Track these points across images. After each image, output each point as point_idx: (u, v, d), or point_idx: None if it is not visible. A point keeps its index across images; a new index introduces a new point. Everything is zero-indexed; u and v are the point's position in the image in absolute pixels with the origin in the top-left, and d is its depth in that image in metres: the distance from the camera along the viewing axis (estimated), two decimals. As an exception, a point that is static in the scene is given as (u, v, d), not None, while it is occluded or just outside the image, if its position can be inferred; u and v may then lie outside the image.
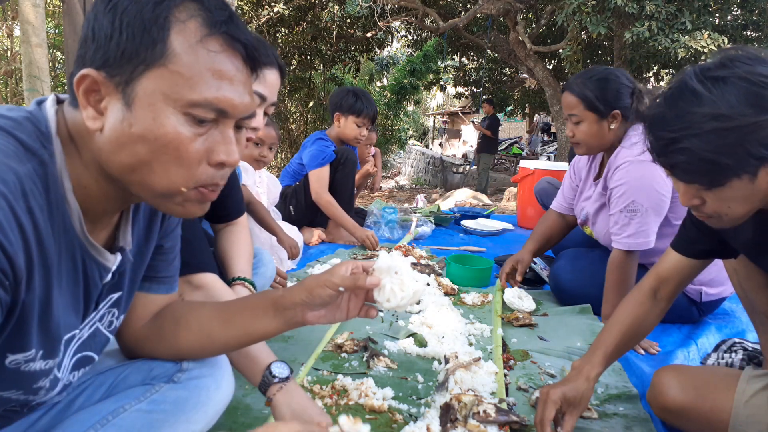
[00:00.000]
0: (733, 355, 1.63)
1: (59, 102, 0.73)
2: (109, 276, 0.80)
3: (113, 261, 0.79)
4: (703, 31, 6.34)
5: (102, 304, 0.83)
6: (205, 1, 0.69)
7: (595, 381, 1.24)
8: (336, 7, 11.24)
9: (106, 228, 0.79)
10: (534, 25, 10.38)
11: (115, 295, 0.85)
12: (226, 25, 0.68)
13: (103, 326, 0.85)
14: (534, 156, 13.96)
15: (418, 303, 2.05)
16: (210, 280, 1.41)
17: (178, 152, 0.68)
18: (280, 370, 1.07)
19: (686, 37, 6.23)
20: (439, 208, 4.66)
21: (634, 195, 1.86)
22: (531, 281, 2.62)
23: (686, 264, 1.30)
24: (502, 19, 9.37)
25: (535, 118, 17.38)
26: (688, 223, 1.29)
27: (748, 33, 7.63)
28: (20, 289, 0.62)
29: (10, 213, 0.59)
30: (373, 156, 4.05)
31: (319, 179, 3.04)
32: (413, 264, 2.61)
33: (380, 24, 10.64)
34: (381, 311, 0.98)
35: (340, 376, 1.49)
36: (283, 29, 12.28)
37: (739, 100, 0.90)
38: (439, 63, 11.84)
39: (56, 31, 9.87)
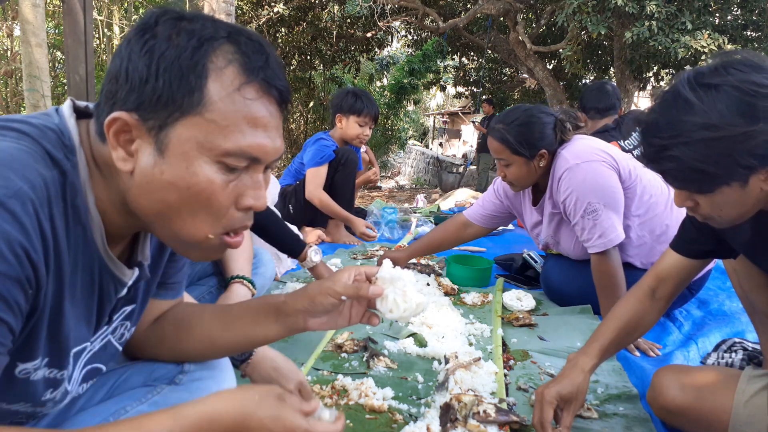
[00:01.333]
0: (733, 355, 1.63)
1: (76, 109, 0.71)
2: (125, 290, 0.80)
3: (130, 276, 0.79)
4: (703, 31, 6.34)
5: (116, 317, 0.82)
6: (242, 43, 0.67)
7: (591, 373, 1.24)
8: (336, 7, 11.22)
9: (122, 241, 0.79)
10: (534, 25, 10.38)
11: (129, 308, 0.84)
12: (263, 71, 0.67)
13: (114, 338, 0.85)
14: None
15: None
16: None
17: (209, 200, 0.67)
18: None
19: (686, 37, 6.23)
20: (439, 208, 4.67)
21: (587, 197, 1.87)
22: (532, 279, 2.62)
23: (685, 264, 1.30)
24: (502, 19, 9.38)
25: None
26: (687, 224, 1.30)
27: (748, 33, 7.63)
28: (39, 297, 0.62)
29: (36, 221, 0.58)
30: (365, 153, 4.05)
31: (315, 177, 3.04)
32: (413, 264, 2.62)
33: (380, 24, 10.64)
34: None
35: (340, 376, 1.49)
36: (283, 29, 12.27)
37: (730, 109, 0.90)
38: (438, 63, 11.83)
39: (56, 31, 9.85)
